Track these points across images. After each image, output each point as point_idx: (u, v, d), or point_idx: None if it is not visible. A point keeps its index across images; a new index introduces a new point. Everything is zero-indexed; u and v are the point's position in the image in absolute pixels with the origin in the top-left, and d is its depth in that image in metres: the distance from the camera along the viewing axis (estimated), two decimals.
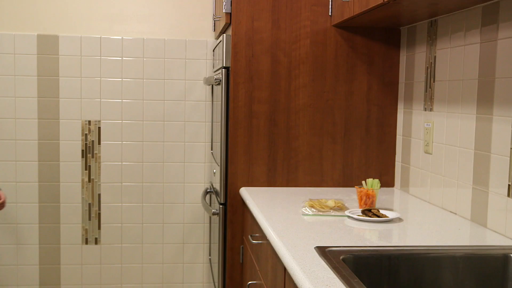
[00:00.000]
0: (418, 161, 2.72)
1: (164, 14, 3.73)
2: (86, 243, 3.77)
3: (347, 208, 2.37)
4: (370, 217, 2.20)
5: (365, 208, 2.29)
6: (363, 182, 2.48)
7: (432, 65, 2.57)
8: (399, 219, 2.24)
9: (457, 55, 2.36)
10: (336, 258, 1.67)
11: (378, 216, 2.20)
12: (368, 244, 1.88)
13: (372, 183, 2.45)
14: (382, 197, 2.73)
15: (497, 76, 2.05)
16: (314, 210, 2.33)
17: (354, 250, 1.78)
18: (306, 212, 2.31)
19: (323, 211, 2.31)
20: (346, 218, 2.25)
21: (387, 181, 2.99)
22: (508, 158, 1.98)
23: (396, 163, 2.98)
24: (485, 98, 2.13)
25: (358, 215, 2.23)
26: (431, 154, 2.58)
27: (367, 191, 2.40)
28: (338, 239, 1.93)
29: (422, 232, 2.08)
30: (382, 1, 2.16)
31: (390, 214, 2.23)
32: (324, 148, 2.95)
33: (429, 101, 2.61)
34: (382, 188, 2.95)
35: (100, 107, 3.69)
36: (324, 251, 1.73)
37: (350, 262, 1.72)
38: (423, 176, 2.65)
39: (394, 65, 2.96)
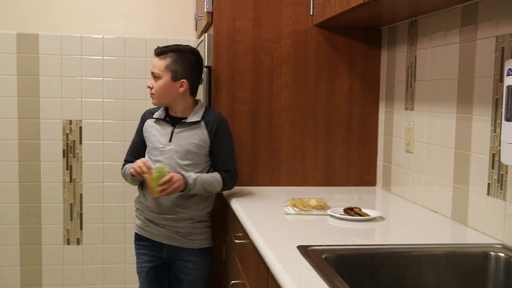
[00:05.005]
0: (399, 160, 2.74)
1: (146, 13, 3.71)
2: (68, 243, 3.74)
3: (329, 207, 2.38)
4: (352, 216, 2.21)
5: (348, 207, 2.30)
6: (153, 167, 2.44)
7: (413, 64, 2.59)
8: (381, 218, 2.25)
9: (437, 54, 2.38)
10: (318, 257, 1.67)
11: (360, 215, 2.22)
12: (350, 243, 1.89)
13: (160, 169, 2.39)
14: (364, 196, 2.75)
15: (476, 76, 2.07)
16: (297, 209, 2.33)
17: (336, 249, 1.79)
18: (289, 211, 2.31)
19: (305, 210, 2.32)
20: (328, 217, 2.25)
21: (369, 180, 3.01)
22: (488, 157, 2.00)
23: (378, 162, 3.00)
24: (465, 97, 2.15)
25: (340, 214, 2.24)
26: (412, 153, 2.60)
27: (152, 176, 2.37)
28: (320, 238, 1.94)
29: (404, 230, 2.10)
30: (362, 1, 2.18)
31: (372, 213, 2.25)
32: (306, 148, 2.96)
33: (410, 100, 2.63)
34: (364, 187, 2.97)
35: (81, 106, 3.67)
36: (306, 250, 1.74)
37: (332, 261, 1.72)
38: (405, 175, 2.68)
39: (375, 65, 2.97)
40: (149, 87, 2.58)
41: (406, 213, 2.41)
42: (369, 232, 2.08)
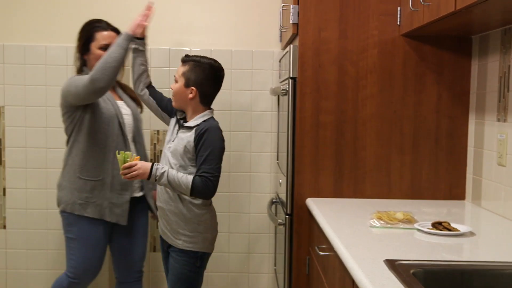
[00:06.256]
0: (490, 174, 2.64)
1: (231, 25, 3.77)
2: (154, 250, 3.84)
3: (416, 221, 2.32)
4: (441, 230, 2.15)
5: (436, 221, 2.23)
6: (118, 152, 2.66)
7: (506, 74, 2.49)
8: (471, 233, 2.17)
9: None
10: (406, 272, 1.63)
11: (449, 230, 2.15)
12: (439, 258, 1.83)
13: (124, 155, 2.62)
14: (453, 210, 2.66)
15: None
16: (382, 222, 2.29)
17: (424, 264, 1.74)
18: (374, 224, 2.28)
19: (391, 224, 2.28)
20: (415, 231, 2.20)
21: (458, 194, 2.91)
22: None
23: (467, 175, 2.90)
24: None
25: (428, 228, 2.18)
26: (505, 166, 2.49)
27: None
28: (407, 252, 1.90)
29: (497, 247, 2.01)
30: (453, 9, 2.12)
31: (461, 228, 2.17)
32: (392, 159, 2.91)
33: (502, 111, 2.53)
34: (452, 201, 2.88)
35: None
36: (393, 265, 1.70)
37: (421, 276, 1.68)
38: (496, 189, 2.57)
39: (465, 75, 2.88)
40: (171, 88, 2.83)
41: (498, 229, 2.31)
42: (458, 248, 2.01)
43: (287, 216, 2.95)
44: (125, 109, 3.08)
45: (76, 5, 3.71)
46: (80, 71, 3.07)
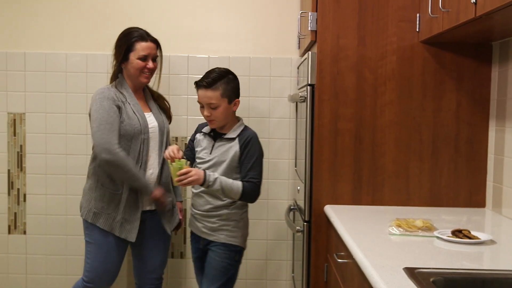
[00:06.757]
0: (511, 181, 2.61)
1: (249, 32, 3.78)
2: (173, 256, 3.85)
3: (435, 229, 2.30)
4: (461, 238, 2.13)
5: (456, 229, 2.21)
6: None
7: None
8: (492, 241, 2.15)
9: None
10: (426, 280, 1.62)
11: (470, 238, 2.13)
12: (459, 267, 1.82)
13: (179, 162, 2.70)
14: (473, 217, 2.64)
15: None
16: (402, 229, 2.28)
17: (445, 273, 1.73)
18: (393, 232, 2.26)
19: (410, 231, 2.26)
20: (435, 239, 2.18)
21: (478, 201, 2.88)
22: None
23: (488, 182, 2.87)
24: None
25: (448, 236, 2.16)
26: None
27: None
28: (427, 260, 1.88)
29: None
30: (473, 16, 2.11)
31: (482, 236, 2.15)
32: (411, 166, 2.89)
33: None
34: (472, 209, 2.85)
35: (187, 124, 3.78)
36: (413, 273, 1.69)
37: (441, 284, 1.67)
38: None
39: (485, 82, 2.86)
40: (207, 116, 2.88)
41: None
42: (479, 256, 1.99)
43: (305, 223, 2.95)
44: (151, 122, 3.08)
45: (96, 13, 3.75)
46: (115, 77, 3.09)
